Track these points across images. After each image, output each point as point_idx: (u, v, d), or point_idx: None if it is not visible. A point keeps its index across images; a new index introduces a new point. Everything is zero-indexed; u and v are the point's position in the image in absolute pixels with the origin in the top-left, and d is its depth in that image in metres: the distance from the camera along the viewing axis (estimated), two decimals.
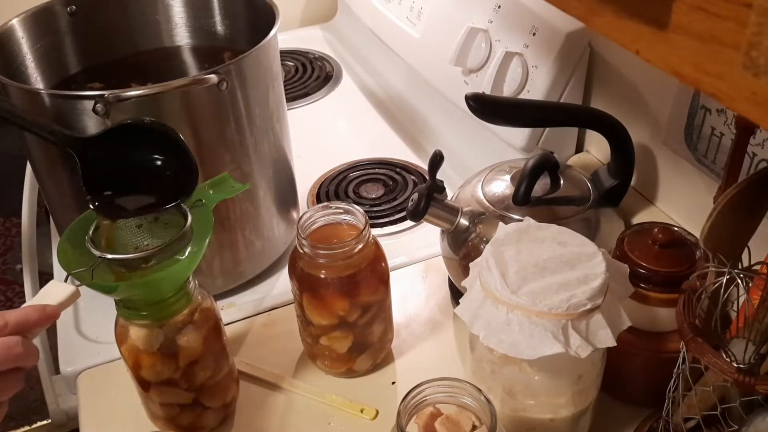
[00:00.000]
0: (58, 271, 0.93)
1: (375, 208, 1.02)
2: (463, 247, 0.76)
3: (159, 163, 0.64)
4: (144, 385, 0.67)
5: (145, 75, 0.91)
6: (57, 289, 0.57)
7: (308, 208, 1.00)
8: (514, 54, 0.92)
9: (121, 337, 0.66)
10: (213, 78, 0.72)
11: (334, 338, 0.73)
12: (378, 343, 0.76)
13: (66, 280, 0.58)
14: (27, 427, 1.70)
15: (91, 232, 0.61)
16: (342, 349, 0.73)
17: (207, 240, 0.62)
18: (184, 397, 0.68)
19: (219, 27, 0.96)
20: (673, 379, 0.59)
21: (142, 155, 0.64)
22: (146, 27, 0.96)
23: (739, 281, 0.51)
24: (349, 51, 1.45)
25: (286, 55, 1.42)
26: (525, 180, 0.75)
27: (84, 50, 0.92)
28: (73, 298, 0.57)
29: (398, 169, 1.09)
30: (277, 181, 0.87)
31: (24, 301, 0.57)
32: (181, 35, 0.97)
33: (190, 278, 0.65)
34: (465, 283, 0.64)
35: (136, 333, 0.64)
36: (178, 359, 0.65)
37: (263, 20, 0.83)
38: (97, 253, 0.59)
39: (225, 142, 0.78)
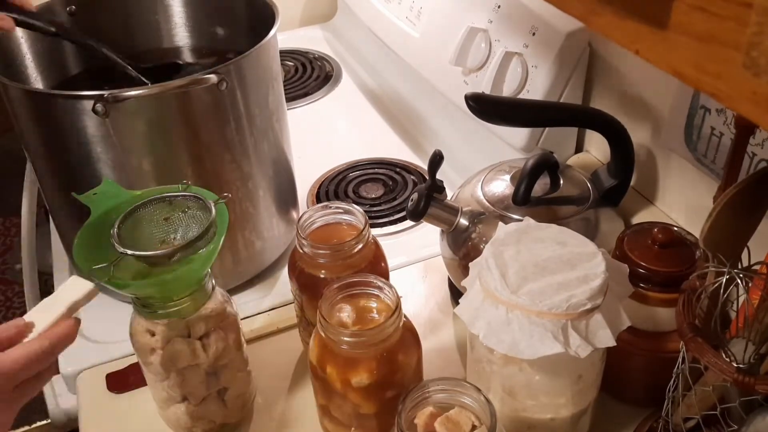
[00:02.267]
0: (58, 270, 0.93)
1: (375, 208, 1.02)
2: (463, 247, 0.76)
3: None
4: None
5: (145, 75, 0.91)
6: (77, 286, 0.57)
7: (308, 208, 1.00)
8: (514, 54, 0.92)
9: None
10: (213, 78, 0.71)
11: None
12: None
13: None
14: (27, 427, 1.69)
15: (116, 227, 0.60)
16: None
17: (222, 238, 0.61)
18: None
19: (219, 27, 0.96)
20: (672, 379, 0.59)
21: None
22: (146, 27, 0.96)
23: (739, 281, 0.51)
24: (348, 51, 1.45)
25: (286, 55, 1.42)
26: (525, 180, 0.75)
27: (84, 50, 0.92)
28: (91, 295, 0.57)
29: (398, 169, 1.09)
30: (276, 181, 0.87)
31: (23, 301, 0.57)
32: (181, 35, 0.97)
33: (208, 275, 0.65)
34: (465, 282, 0.64)
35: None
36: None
37: (263, 20, 0.83)
38: (120, 248, 0.59)
39: (225, 142, 0.78)
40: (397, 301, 0.61)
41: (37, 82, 0.87)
